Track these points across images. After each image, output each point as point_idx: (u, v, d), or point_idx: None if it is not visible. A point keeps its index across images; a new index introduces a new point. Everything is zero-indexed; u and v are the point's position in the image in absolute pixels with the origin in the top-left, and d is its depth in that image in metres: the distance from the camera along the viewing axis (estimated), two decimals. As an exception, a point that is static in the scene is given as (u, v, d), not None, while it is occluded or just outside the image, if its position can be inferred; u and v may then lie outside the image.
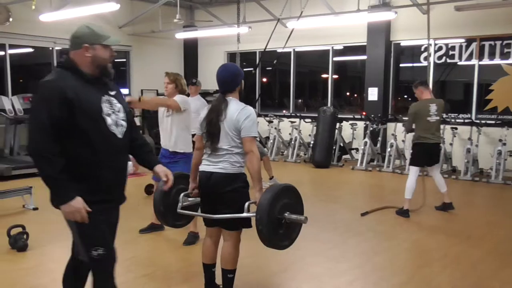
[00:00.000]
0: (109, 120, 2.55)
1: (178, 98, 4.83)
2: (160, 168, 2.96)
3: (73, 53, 2.60)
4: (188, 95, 7.57)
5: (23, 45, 10.47)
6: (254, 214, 3.11)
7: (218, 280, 3.52)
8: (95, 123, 2.49)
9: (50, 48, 10.77)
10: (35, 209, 6.16)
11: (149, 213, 5.39)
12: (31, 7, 9.20)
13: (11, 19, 9.62)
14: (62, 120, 2.39)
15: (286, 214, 3.16)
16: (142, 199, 6.94)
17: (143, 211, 6.01)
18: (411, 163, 6.33)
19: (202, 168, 3.39)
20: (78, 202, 2.45)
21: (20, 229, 4.68)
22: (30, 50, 10.80)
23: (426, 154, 6.11)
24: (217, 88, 3.41)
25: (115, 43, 2.67)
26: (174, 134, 4.83)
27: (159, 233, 5.25)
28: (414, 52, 10.52)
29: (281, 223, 3.16)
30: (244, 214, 3.22)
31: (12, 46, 10.15)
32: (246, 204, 3.22)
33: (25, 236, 4.65)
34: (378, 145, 9.92)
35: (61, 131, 2.40)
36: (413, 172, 6.13)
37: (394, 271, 4.27)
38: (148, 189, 7.03)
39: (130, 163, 8.48)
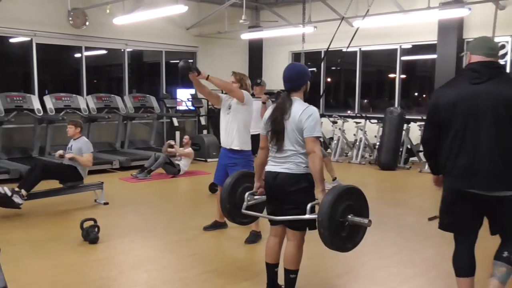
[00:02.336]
0: None
1: (244, 91, 4.89)
2: None
3: None
4: (253, 95, 7.66)
5: (98, 47, 10.98)
6: (316, 216, 3.08)
7: (281, 280, 3.52)
8: None
9: (122, 50, 11.21)
10: (106, 203, 6.43)
11: (213, 211, 5.50)
12: (106, 11, 9.65)
13: (87, 23, 10.11)
14: None
15: (349, 217, 3.11)
16: (206, 197, 7.07)
17: (207, 209, 6.13)
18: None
19: (268, 168, 3.42)
20: None
21: (92, 223, 4.90)
22: (104, 52, 11.30)
23: None
24: (282, 89, 3.41)
25: None
26: (231, 131, 4.89)
27: (223, 231, 5.32)
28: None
29: (343, 225, 3.10)
30: (306, 216, 3.19)
31: (87, 49, 10.66)
32: (309, 205, 3.19)
33: (96, 229, 4.86)
34: (448, 147, 9.51)
35: None
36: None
37: (464, 279, 4.08)
38: (212, 187, 7.14)
39: (183, 162, 8.74)
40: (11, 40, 9.91)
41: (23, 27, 9.46)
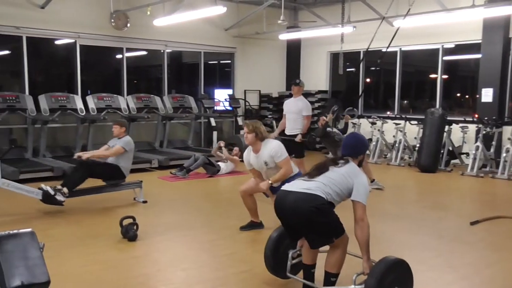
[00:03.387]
0: None
1: (274, 150, 4.85)
2: None
3: None
4: (290, 95, 7.65)
5: (138, 48, 11.19)
6: (362, 286, 3.09)
7: (318, 281, 3.49)
8: None
9: (162, 51, 11.39)
10: (145, 202, 6.54)
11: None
12: (147, 13, 9.83)
13: (128, 25, 10.33)
14: None
15: None
16: (243, 197, 7.08)
17: (243, 209, 6.14)
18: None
19: (283, 188, 3.42)
20: None
21: (131, 220, 4.99)
22: (144, 53, 11.51)
23: None
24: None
25: None
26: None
27: (259, 231, 5.32)
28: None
29: None
30: (352, 287, 3.18)
31: (128, 50, 10.89)
32: (354, 276, 3.18)
33: (135, 227, 4.95)
34: (492, 150, 9.23)
35: None
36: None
37: (507, 287, 3.94)
38: (249, 188, 7.14)
39: (226, 164, 8.79)
40: (57, 42, 10.23)
41: (68, 30, 9.75)
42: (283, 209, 3.28)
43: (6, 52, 10.43)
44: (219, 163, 8.78)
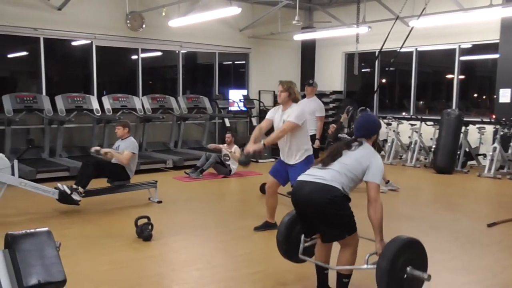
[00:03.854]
0: None
1: (296, 112, 4.88)
2: None
3: None
4: (304, 96, 7.63)
5: (153, 49, 11.26)
6: (374, 266, 3.07)
7: (331, 282, 3.47)
8: None
9: (177, 51, 11.44)
10: (159, 202, 6.58)
11: (263, 211, 5.50)
12: (162, 14, 9.87)
13: (144, 26, 10.40)
14: None
15: (408, 269, 3.07)
16: (257, 198, 7.09)
17: (257, 209, 6.15)
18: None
19: (299, 178, 3.42)
20: None
21: (145, 220, 5.02)
22: (159, 53, 11.58)
23: None
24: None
25: None
26: (289, 149, 4.97)
27: (273, 232, 5.24)
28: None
29: (402, 278, 3.06)
30: (364, 266, 3.19)
31: (143, 50, 10.96)
32: (367, 256, 3.18)
33: (150, 227, 4.97)
34: (510, 151, 9.10)
35: None
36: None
37: (525, 290, 3.89)
38: (263, 188, 7.13)
39: (234, 166, 8.75)
40: (73, 43, 10.34)
41: (84, 31, 9.85)
42: (298, 200, 3.30)
43: (24, 53, 10.57)
44: (229, 163, 8.78)
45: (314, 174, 3.28)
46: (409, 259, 3.09)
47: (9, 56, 10.47)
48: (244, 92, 12.39)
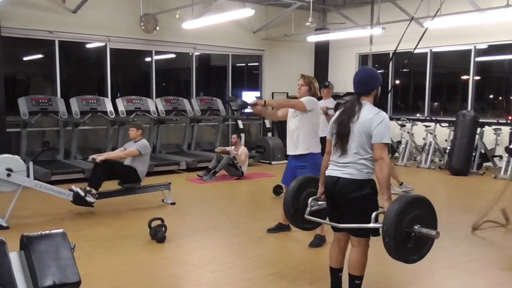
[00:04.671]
0: None
1: (305, 99, 4.82)
2: None
3: None
4: (320, 98, 7.61)
5: (167, 51, 11.31)
6: (381, 225, 3.00)
7: (345, 285, 3.45)
8: None
9: (190, 54, 11.48)
10: (173, 203, 6.59)
11: (277, 213, 5.49)
12: (176, 16, 9.91)
13: (158, 28, 10.45)
14: None
15: (416, 227, 2.99)
16: (270, 200, 7.08)
17: (271, 211, 6.13)
18: None
19: (328, 172, 3.36)
20: None
21: (159, 222, 5.03)
22: (172, 55, 11.63)
23: None
24: (348, 91, 3.36)
25: None
26: (296, 137, 4.84)
27: (286, 234, 5.30)
28: None
29: (410, 236, 2.99)
30: (371, 225, 3.13)
31: (157, 53, 11.01)
32: (374, 214, 3.12)
33: (163, 229, 4.99)
34: (526, 153, 8.98)
35: None
36: None
37: (544, 294, 3.82)
38: (276, 190, 7.14)
39: (245, 168, 8.68)
40: (88, 46, 10.43)
41: (99, 33, 9.93)
42: (333, 195, 3.31)
43: (40, 56, 10.70)
44: (240, 165, 8.76)
45: (338, 166, 3.27)
46: (417, 217, 3.01)
47: (25, 58, 10.61)
48: (258, 94, 12.38)
